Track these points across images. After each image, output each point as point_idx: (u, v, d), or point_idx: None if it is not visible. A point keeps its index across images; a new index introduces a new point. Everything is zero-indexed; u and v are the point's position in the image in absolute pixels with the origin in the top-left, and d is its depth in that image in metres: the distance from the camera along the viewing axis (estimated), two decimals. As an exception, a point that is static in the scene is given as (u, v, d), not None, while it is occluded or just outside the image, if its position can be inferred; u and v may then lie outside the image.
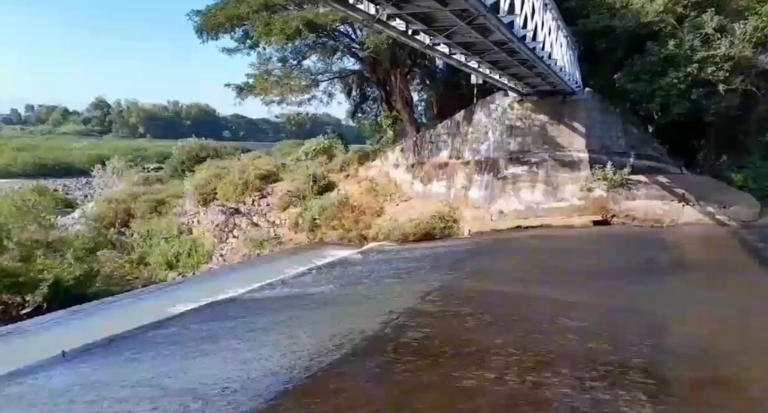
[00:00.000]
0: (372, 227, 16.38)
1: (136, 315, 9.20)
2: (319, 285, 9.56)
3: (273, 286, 10.28)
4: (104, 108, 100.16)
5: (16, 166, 47.79)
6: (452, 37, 7.18)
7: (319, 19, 13.21)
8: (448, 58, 8.87)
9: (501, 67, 10.09)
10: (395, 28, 6.70)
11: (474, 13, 5.89)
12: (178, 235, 19.25)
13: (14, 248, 13.94)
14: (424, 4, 5.72)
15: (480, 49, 8.19)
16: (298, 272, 11.60)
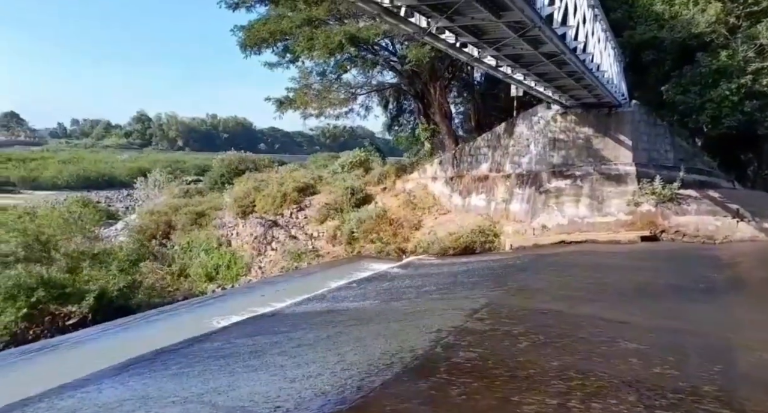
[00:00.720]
0: (410, 240, 16.23)
1: (180, 328, 9.30)
2: (360, 300, 9.45)
3: (314, 300, 10.23)
4: (145, 122, 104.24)
5: (62, 178, 49.96)
6: (501, 49, 7.06)
7: (361, 34, 13.32)
8: (494, 71, 8.74)
9: (548, 80, 9.88)
10: (444, 41, 6.63)
11: (528, 25, 5.75)
12: (217, 247, 19.56)
13: (61, 260, 14.45)
14: (478, 16, 5.63)
15: (528, 62, 8.02)
16: (338, 286, 11.54)
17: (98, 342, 8.47)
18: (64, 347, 8.18)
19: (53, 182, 48.51)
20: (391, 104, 26.52)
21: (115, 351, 7.61)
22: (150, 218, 21.44)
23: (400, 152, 33.81)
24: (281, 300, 10.55)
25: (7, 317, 11.74)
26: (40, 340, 12.40)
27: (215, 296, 12.47)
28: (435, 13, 5.60)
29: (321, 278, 13.39)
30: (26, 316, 12.07)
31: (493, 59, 7.89)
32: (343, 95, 20.56)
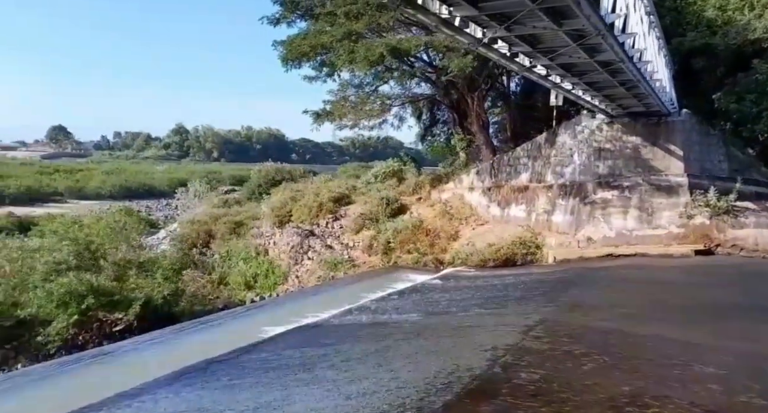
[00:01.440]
0: (448, 251, 16.02)
1: (227, 337, 9.37)
2: (404, 313, 9.30)
3: (356, 311, 10.14)
4: (183, 134, 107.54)
5: (105, 188, 51.73)
6: (555, 59, 6.88)
7: (401, 45, 13.34)
8: (543, 80, 8.55)
9: (597, 89, 9.61)
10: (497, 51, 6.51)
11: (590, 33, 5.58)
12: (255, 256, 19.79)
13: (109, 268, 14.85)
14: (539, 25, 5.50)
15: (580, 71, 7.81)
16: (378, 297, 11.42)
17: (150, 350, 8.59)
18: (118, 354, 8.33)
19: (97, 192, 50.35)
20: (425, 115, 26.51)
21: (166, 359, 7.70)
22: (191, 228, 21.91)
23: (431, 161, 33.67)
24: (323, 311, 10.51)
25: (59, 323, 12.08)
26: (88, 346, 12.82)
27: (258, 306, 12.55)
28: (494, 22, 5.49)
29: (360, 289, 13.31)
30: (77, 322, 12.40)
31: (544, 68, 7.71)
32: (378, 107, 20.66)
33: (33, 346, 12.37)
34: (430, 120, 26.78)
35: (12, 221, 29.40)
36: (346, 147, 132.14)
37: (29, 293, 13.09)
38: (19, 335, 12.72)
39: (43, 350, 12.21)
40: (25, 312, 12.20)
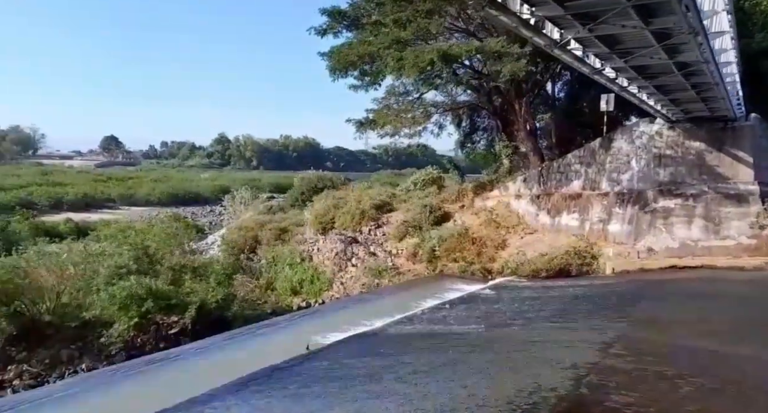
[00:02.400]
0: (496, 260, 15.71)
1: (284, 343, 9.44)
2: (463, 324, 9.12)
3: (411, 320, 10.04)
4: (224, 143, 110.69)
5: (154, 195, 53.65)
6: (630, 60, 6.62)
7: (452, 51, 13.25)
8: (610, 83, 8.29)
9: (665, 92, 9.21)
10: (571, 53, 6.33)
11: (679, 32, 5.32)
12: (300, 262, 20.00)
13: (165, 272, 15.29)
14: (628, 23, 5.28)
15: (653, 73, 7.50)
16: (431, 306, 11.28)
17: (213, 355, 8.74)
18: (184, 358, 8.50)
19: (147, 198, 52.36)
20: (465, 122, 26.25)
21: (230, 364, 7.79)
22: (238, 234, 22.38)
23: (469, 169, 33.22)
24: (377, 319, 10.45)
25: (121, 325, 12.49)
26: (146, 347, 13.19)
27: (312, 312, 12.62)
28: (576, 22, 5.33)
29: (410, 297, 13.20)
30: (136, 325, 12.78)
31: (613, 71, 7.44)
32: (419, 114, 20.62)
33: (96, 347, 12.84)
34: (470, 127, 26.51)
35: (70, 226, 30.80)
36: (379, 155, 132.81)
37: (93, 295, 13.65)
38: (83, 336, 13.24)
39: (105, 351, 12.67)
40: (90, 313, 12.69)
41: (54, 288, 13.71)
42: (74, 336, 13.14)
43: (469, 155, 27.44)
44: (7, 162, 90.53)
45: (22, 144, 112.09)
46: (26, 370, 12.03)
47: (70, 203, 46.14)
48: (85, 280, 14.19)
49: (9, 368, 12.00)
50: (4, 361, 12.13)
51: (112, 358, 12.58)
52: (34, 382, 11.74)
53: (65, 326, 13.38)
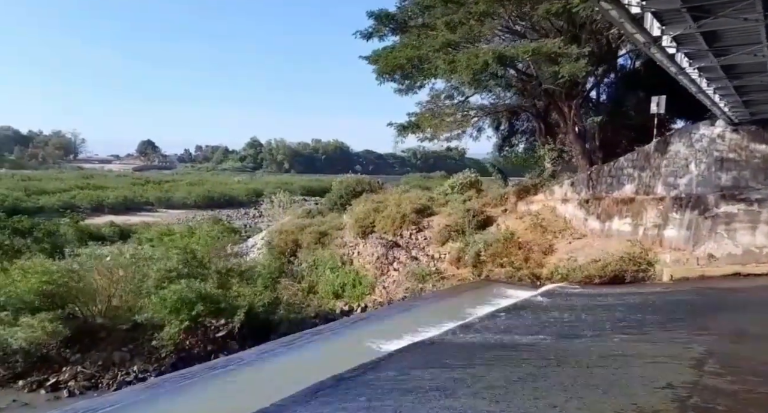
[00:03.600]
0: (544, 265, 15.30)
1: (341, 351, 9.36)
2: (525, 333, 8.84)
3: (468, 328, 9.80)
4: (257, 147, 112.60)
5: (190, 198, 54.84)
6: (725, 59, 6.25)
7: (508, 52, 12.99)
8: (689, 83, 7.87)
9: (742, 92, 8.73)
10: (665, 52, 6.00)
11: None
12: (341, 266, 19.99)
13: (213, 276, 15.47)
14: (751, 16, 4.92)
15: (740, 72, 7.09)
16: (485, 313, 11.01)
17: (274, 361, 8.69)
18: (246, 365, 8.47)
19: (183, 201, 53.63)
20: (503, 125, 25.83)
21: (293, 372, 7.76)
22: (278, 237, 22.55)
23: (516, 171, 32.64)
24: (432, 326, 10.25)
25: (172, 328, 12.65)
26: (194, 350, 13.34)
27: (362, 317, 12.51)
28: (690, 14, 5.02)
29: (460, 304, 12.96)
30: (186, 328, 12.94)
31: (697, 71, 7.07)
32: (460, 117, 20.36)
33: (146, 349, 13.06)
34: (509, 130, 26.07)
35: (113, 229, 31.66)
36: (407, 158, 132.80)
37: (144, 298, 13.92)
38: (134, 338, 13.47)
39: (155, 353, 12.86)
40: (142, 316, 12.92)
41: (105, 291, 14.05)
42: (125, 338, 13.41)
43: (507, 158, 26.97)
44: (50, 166, 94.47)
45: (63, 148, 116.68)
46: (80, 372, 12.30)
47: (110, 206, 47.65)
48: (135, 283, 14.52)
49: (64, 369, 12.30)
50: (60, 362, 12.45)
51: (162, 361, 12.79)
52: (88, 384, 12.02)
53: (116, 328, 13.68)
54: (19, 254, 16.74)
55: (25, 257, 15.05)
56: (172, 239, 18.64)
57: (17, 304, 12.02)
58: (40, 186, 54.88)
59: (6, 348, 11.43)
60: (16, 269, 13.04)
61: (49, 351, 12.30)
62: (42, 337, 11.78)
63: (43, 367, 12.09)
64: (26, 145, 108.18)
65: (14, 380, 11.59)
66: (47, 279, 12.26)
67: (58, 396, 11.33)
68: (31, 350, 11.77)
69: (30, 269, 12.64)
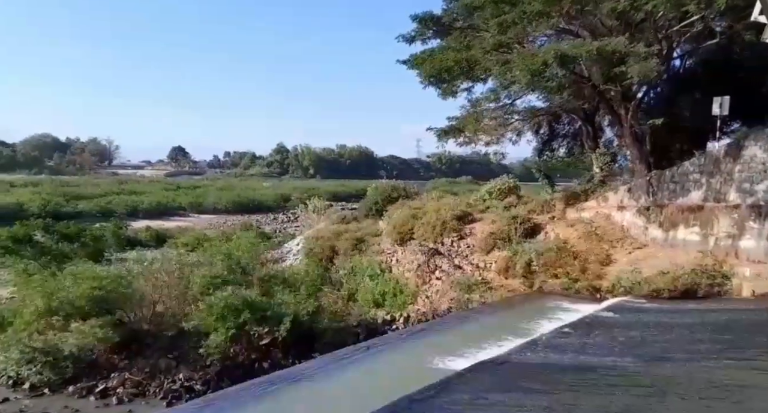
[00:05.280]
0: (603, 277, 14.43)
1: (402, 368, 8.83)
2: (605, 354, 8.10)
3: (535, 346, 9.10)
4: (283, 153, 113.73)
5: (220, 203, 55.37)
6: None
7: (571, 52, 12.30)
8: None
9: None
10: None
11: None
12: (380, 273, 19.44)
13: (256, 283, 15.16)
14: None
15: None
16: (550, 330, 10.27)
17: (333, 377, 8.19)
18: (306, 380, 7.98)
19: (214, 206, 54.13)
20: (543, 128, 24.99)
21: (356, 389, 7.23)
22: (315, 243, 22.17)
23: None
24: (492, 342, 9.61)
25: (218, 336, 12.33)
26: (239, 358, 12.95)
27: (414, 331, 11.88)
28: None
29: (515, 317, 12.27)
30: (232, 336, 12.61)
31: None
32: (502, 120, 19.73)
33: (191, 357, 12.77)
34: (549, 134, 25.21)
35: (150, 234, 31.88)
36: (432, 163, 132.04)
37: (190, 305, 13.68)
38: (179, 345, 13.22)
39: (200, 361, 12.55)
40: (189, 324, 12.64)
41: (150, 297, 13.87)
42: (170, 345, 13.18)
43: (546, 163, 26.03)
44: (87, 172, 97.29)
45: (99, 155, 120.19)
46: (128, 378, 12.10)
47: (145, 211, 48.34)
48: (180, 289, 14.30)
49: (112, 375, 12.13)
50: (108, 368, 12.31)
51: (207, 369, 12.47)
52: (136, 391, 11.78)
53: (162, 335, 13.47)
54: (67, 259, 16.81)
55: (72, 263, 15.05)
56: (212, 245, 18.46)
57: (68, 309, 11.90)
58: (78, 192, 56.31)
59: (57, 354, 11.34)
60: (66, 274, 12.96)
61: (98, 356, 12.18)
62: (92, 343, 11.66)
63: (91, 373, 11.98)
64: (64, 152, 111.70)
65: (64, 385, 11.52)
66: (97, 285, 12.12)
67: (107, 404, 11.14)
68: (81, 355, 11.70)
69: (80, 275, 12.52)
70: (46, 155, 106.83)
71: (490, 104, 17.91)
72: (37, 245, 18.86)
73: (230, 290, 12.86)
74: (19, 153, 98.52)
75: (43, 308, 11.93)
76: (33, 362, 11.33)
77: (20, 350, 11.24)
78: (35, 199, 45.24)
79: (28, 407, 10.63)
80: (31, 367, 11.33)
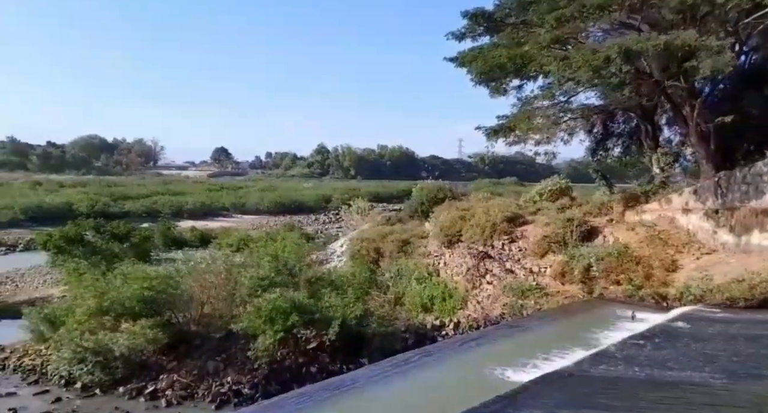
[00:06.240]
0: (669, 284, 13.46)
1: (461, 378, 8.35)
2: (685, 369, 7.38)
3: (605, 358, 8.40)
4: (324, 153, 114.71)
5: (263, 204, 56.16)
6: None
7: (636, 46, 11.44)
8: None
9: None
10: None
11: None
12: (428, 277, 18.97)
13: (303, 285, 14.97)
14: None
15: None
16: (620, 340, 9.52)
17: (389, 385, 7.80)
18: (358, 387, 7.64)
19: (256, 207, 55.01)
20: (597, 127, 23.80)
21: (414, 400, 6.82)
22: (360, 245, 21.92)
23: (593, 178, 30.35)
24: (555, 353, 8.98)
25: (266, 339, 12.18)
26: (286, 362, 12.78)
27: (470, 338, 11.33)
28: None
29: (577, 326, 11.52)
30: (280, 339, 12.44)
31: None
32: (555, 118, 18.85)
33: (239, 360, 12.69)
34: (602, 133, 23.99)
35: (195, 234, 32.54)
36: (474, 163, 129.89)
37: (238, 307, 13.63)
38: (226, 347, 13.19)
39: (248, 364, 12.44)
40: (238, 326, 12.56)
41: (199, 298, 13.90)
42: (218, 347, 13.14)
43: (600, 163, 24.82)
44: (133, 173, 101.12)
45: (144, 155, 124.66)
46: (177, 380, 12.09)
47: (189, 212, 49.54)
48: (228, 291, 14.28)
49: (161, 377, 12.14)
50: (156, 370, 12.33)
51: (255, 372, 12.35)
52: (185, 393, 11.74)
53: (210, 337, 13.46)
54: (117, 259, 17.16)
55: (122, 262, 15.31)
56: (258, 246, 18.44)
57: (119, 309, 12.02)
58: (124, 192, 58.37)
59: (108, 354, 11.43)
60: (117, 274, 13.14)
61: (148, 357, 12.26)
62: (142, 344, 11.71)
63: (141, 374, 12.02)
64: (111, 152, 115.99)
65: (115, 386, 11.58)
66: (147, 285, 12.19)
67: (157, 406, 11.13)
68: (131, 356, 11.74)
69: (131, 275, 12.65)
70: (93, 155, 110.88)
71: (543, 101, 17.06)
72: (88, 245, 19.37)
73: (278, 292, 12.68)
74: (68, 154, 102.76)
75: (95, 308, 12.08)
76: (84, 362, 11.44)
77: (72, 349, 11.36)
78: (83, 199, 47.06)
79: (80, 407, 10.69)
80: (83, 367, 11.45)
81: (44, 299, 17.19)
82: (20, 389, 11.64)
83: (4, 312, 17.61)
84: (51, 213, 41.72)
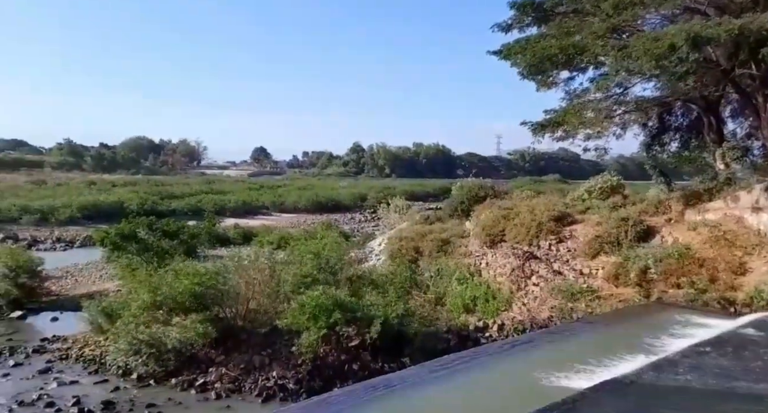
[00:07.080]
0: (737, 288, 12.57)
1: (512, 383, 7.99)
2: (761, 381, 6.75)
3: (668, 366, 7.82)
4: (359, 152, 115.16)
5: (300, 203, 56.80)
6: None
7: (705, 33, 10.62)
8: None
9: None
10: None
11: None
12: (469, 277, 18.53)
13: (344, 283, 14.91)
14: None
15: None
16: (684, 348, 8.88)
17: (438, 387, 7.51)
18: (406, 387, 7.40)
19: (294, 205, 55.67)
20: (652, 121, 22.57)
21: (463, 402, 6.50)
22: (398, 244, 21.67)
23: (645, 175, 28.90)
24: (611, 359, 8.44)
25: (311, 335, 12.19)
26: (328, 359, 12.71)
27: (517, 342, 10.92)
28: None
29: (635, 331, 10.87)
30: (323, 336, 12.42)
31: None
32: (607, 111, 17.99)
33: (283, 355, 12.74)
34: (658, 127, 22.74)
35: (238, 232, 33.16)
36: (514, 161, 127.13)
37: (283, 303, 13.71)
38: (271, 343, 13.29)
39: (292, 359, 12.47)
40: (283, 322, 12.62)
41: (245, 294, 14.05)
42: (264, 342, 13.27)
43: (657, 159, 23.51)
44: (178, 172, 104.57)
45: (188, 155, 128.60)
46: (225, 373, 12.28)
47: (231, 210, 50.61)
48: (272, 287, 14.39)
49: (210, 370, 12.37)
50: (206, 363, 12.57)
51: (298, 368, 12.36)
52: (232, 387, 11.90)
53: (255, 332, 13.59)
54: (167, 255, 17.62)
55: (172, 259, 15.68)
56: (298, 243, 18.55)
57: (171, 304, 12.30)
58: (171, 191, 60.20)
59: (161, 346, 11.72)
60: (169, 270, 13.46)
61: (198, 351, 12.49)
62: (193, 337, 11.94)
63: (191, 366, 12.31)
64: (158, 153, 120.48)
65: (167, 378, 11.93)
66: (198, 281, 12.41)
67: (207, 398, 11.37)
68: (182, 349, 12.00)
69: (182, 271, 12.92)
70: (141, 156, 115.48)
71: (596, 94, 16.29)
72: (140, 242, 19.99)
73: (321, 289, 12.65)
74: (118, 155, 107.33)
75: (149, 302, 12.41)
76: (139, 353, 11.82)
77: (128, 341, 11.74)
78: (133, 198, 48.93)
79: (137, 397, 11.08)
80: (138, 358, 11.84)
81: (101, 292, 17.82)
82: (82, 378, 12.10)
83: (66, 305, 18.41)
84: (104, 211, 43.57)
